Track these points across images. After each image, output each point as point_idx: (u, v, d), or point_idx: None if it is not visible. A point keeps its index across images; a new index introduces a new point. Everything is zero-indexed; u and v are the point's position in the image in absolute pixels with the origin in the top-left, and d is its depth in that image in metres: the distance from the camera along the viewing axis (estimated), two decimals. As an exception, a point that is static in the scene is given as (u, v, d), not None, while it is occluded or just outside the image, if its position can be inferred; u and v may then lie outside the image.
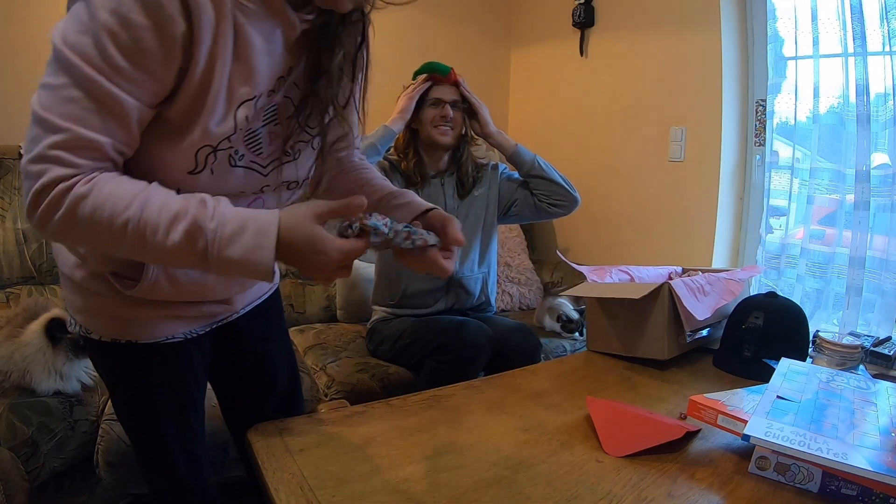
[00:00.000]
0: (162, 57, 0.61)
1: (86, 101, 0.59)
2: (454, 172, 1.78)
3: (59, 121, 0.58)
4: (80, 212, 0.59)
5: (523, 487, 0.73)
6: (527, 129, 2.95)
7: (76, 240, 0.64)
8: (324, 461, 0.77)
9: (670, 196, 2.23)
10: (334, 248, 0.65)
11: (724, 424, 0.84)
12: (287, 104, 0.77)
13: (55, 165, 0.59)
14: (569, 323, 2.03)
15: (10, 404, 1.29)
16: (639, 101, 2.33)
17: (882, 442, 0.76)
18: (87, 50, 0.58)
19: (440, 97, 1.71)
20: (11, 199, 1.83)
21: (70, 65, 0.58)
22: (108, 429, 1.28)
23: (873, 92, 1.69)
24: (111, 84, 0.59)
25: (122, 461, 1.27)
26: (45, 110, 0.59)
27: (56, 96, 0.59)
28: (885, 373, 1.19)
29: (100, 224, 0.60)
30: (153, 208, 0.61)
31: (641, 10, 2.28)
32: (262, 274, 0.64)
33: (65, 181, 0.59)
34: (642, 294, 1.14)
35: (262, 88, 0.70)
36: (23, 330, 1.35)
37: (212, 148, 0.69)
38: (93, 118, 0.59)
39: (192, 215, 0.62)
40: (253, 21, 0.66)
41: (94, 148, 0.60)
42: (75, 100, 0.59)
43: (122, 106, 0.60)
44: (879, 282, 1.74)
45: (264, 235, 0.63)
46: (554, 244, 2.78)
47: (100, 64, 0.58)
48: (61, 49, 0.58)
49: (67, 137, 0.59)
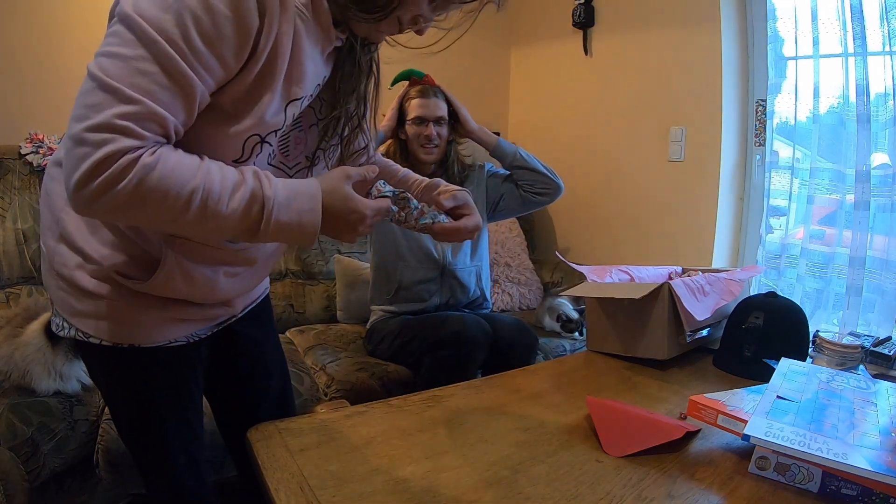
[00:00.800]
0: (236, 47, 0.63)
1: (161, 76, 0.59)
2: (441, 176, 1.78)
3: (131, 91, 0.58)
4: (147, 182, 0.59)
5: (523, 487, 0.73)
6: (526, 129, 2.96)
7: (135, 212, 0.62)
8: (324, 461, 0.77)
9: (670, 196, 2.23)
10: (366, 205, 0.74)
11: (724, 424, 0.84)
12: (310, 113, 0.81)
13: (122, 136, 0.58)
14: (569, 323, 2.03)
15: (10, 404, 1.29)
16: (639, 101, 2.33)
17: (882, 442, 0.76)
18: (169, 27, 0.58)
19: (423, 115, 1.72)
20: (11, 199, 1.83)
21: (149, 39, 0.58)
22: (108, 429, 1.28)
23: (873, 92, 1.69)
24: (187, 65, 0.60)
25: (123, 461, 1.27)
26: (115, 79, 0.58)
27: (128, 67, 0.58)
28: (885, 373, 1.19)
29: (167, 194, 0.60)
30: (215, 179, 0.63)
31: (641, 10, 2.28)
32: (309, 237, 0.70)
33: (131, 152, 0.58)
34: (642, 294, 1.14)
35: (307, 91, 0.75)
36: (23, 330, 1.35)
37: (260, 138, 0.71)
38: (164, 94, 0.60)
39: (249, 184, 0.66)
40: (308, 28, 0.70)
41: (161, 123, 0.61)
42: (149, 73, 0.58)
43: (192, 88, 0.61)
44: (879, 282, 1.74)
45: (313, 199, 0.69)
46: (554, 244, 2.78)
47: (180, 44, 0.59)
48: (137, 21, 0.58)
49: (139, 109, 0.58)
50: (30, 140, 1.92)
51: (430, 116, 1.72)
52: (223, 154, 0.69)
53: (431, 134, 1.71)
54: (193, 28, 0.59)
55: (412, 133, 1.73)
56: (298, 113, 0.75)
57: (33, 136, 1.93)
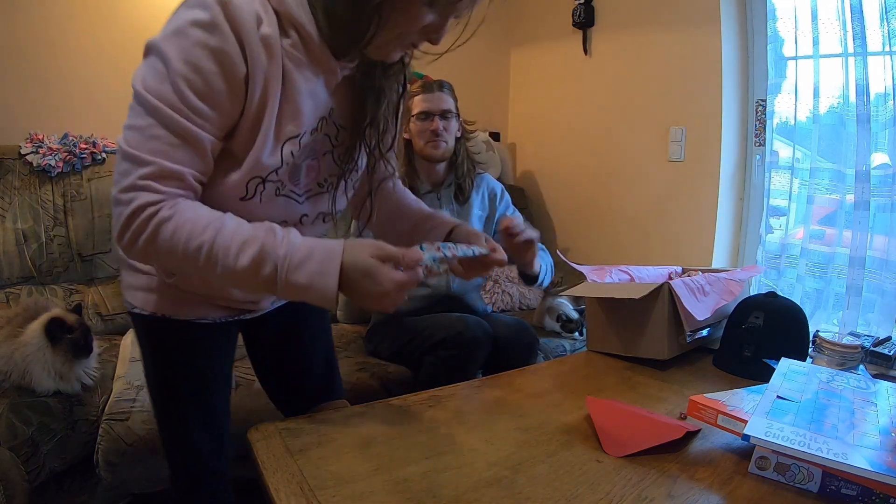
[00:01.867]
0: (229, 95, 0.70)
1: (169, 137, 0.68)
2: (451, 183, 1.72)
3: (147, 156, 0.67)
4: (162, 233, 0.67)
5: (523, 487, 0.73)
6: (526, 129, 2.96)
7: (159, 259, 0.72)
8: (324, 461, 0.77)
9: (670, 196, 2.23)
10: (389, 279, 0.70)
11: (724, 424, 0.84)
12: (325, 141, 0.84)
13: (144, 192, 0.67)
14: (569, 323, 2.03)
15: (10, 404, 1.29)
16: (639, 101, 2.33)
17: (882, 442, 0.76)
18: (168, 95, 0.67)
19: (428, 109, 1.63)
20: (11, 199, 1.83)
21: (153, 108, 0.67)
22: (108, 428, 1.28)
23: (873, 92, 1.69)
24: (189, 122, 0.68)
25: (122, 461, 1.27)
26: (133, 148, 0.67)
27: (142, 135, 0.67)
28: (885, 373, 1.19)
29: (178, 246, 0.68)
30: (226, 234, 0.69)
31: (641, 10, 2.28)
32: (327, 300, 0.70)
33: (152, 206, 0.67)
34: (642, 294, 1.14)
35: (306, 127, 0.78)
36: (23, 330, 1.35)
37: (261, 179, 0.77)
38: (175, 152, 0.68)
39: (260, 242, 0.69)
40: (299, 67, 0.74)
41: (177, 178, 0.69)
42: (160, 137, 0.68)
43: (199, 139, 0.69)
44: (879, 282, 1.74)
45: (330, 262, 0.69)
46: (554, 244, 2.78)
47: (179, 106, 0.67)
48: (144, 95, 0.67)
49: (154, 169, 0.67)
50: (30, 140, 1.92)
51: (434, 110, 1.62)
52: (231, 194, 0.76)
53: (437, 127, 1.61)
54: (188, 89, 0.67)
55: (417, 130, 1.64)
56: (300, 149, 0.79)
57: (33, 136, 1.93)
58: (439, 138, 1.62)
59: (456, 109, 1.68)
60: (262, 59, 0.69)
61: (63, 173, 1.91)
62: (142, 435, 1.28)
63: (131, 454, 1.27)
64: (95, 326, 1.82)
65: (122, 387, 1.39)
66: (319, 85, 0.78)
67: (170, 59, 0.67)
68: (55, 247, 1.87)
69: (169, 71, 0.67)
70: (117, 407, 1.32)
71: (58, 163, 1.89)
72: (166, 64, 0.67)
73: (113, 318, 1.90)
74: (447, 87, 1.68)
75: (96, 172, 1.97)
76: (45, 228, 1.86)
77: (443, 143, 1.63)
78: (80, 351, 1.37)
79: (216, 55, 0.67)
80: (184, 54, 0.66)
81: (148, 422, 1.29)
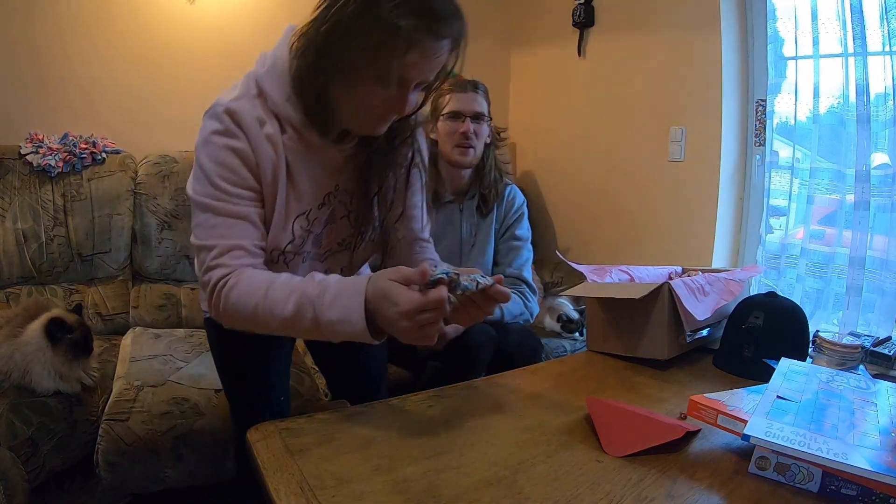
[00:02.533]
0: (252, 177, 0.86)
1: (222, 221, 0.84)
2: (475, 194, 1.62)
3: (210, 241, 0.84)
4: (231, 301, 0.81)
5: (523, 487, 0.73)
6: (526, 129, 2.95)
7: (237, 323, 0.84)
8: (324, 461, 0.77)
9: (670, 196, 2.23)
10: (406, 298, 0.73)
11: (724, 424, 0.84)
12: (341, 207, 0.96)
13: (215, 270, 0.83)
14: (569, 323, 2.03)
15: (10, 404, 1.29)
16: (639, 101, 2.33)
17: (882, 442, 0.76)
18: (210, 191, 0.84)
19: (459, 110, 1.52)
20: (11, 200, 1.83)
21: (204, 205, 0.84)
22: (108, 428, 1.28)
23: (873, 92, 1.69)
24: (232, 205, 0.85)
25: (122, 460, 1.27)
26: (201, 239, 0.85)
27: (203, 228, 0.85)
28: (885, 373, 1.19)
29: (243, 308, 0.81)
30: (275, 289, 0.80)
31: (641, 10, 2.28)
32: (358, 333, 0.76)
33: (222, 279, 0.82)
34: (642, 294, 1.14)
35: (311, 205, 0.92)
36: (23, 330, 1.35)
37: (280, 251, 0.91)
38: (231, 231, 0.84)
39: (300, 290, 0.79)
40: (299, 155, 0.88)
41: (239, 249, 0.84)
42: (216, 225, 0.84)
43: (245, 215, 0.86)
44: (879, 282, 1.74)
45: (355, 295, 0.76)
46: (554, 244, 2.78)
47: (221, 196, 0.84)
48: (195, 198, 0.85)
49: (219, 249, 0.83)
50: (30, 140, 1.92)
51: (466, 111, 1.52)
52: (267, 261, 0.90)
53: (468, 130, 1.50)
54: (222, 182, 0.84)
55: (445, 131, 1.53)
56: (309, 223, 0.92)
57: (33, 136, 1.93)
58: (468, 142, 1.53)
59: (488, 113, 1.60)
60: (269, 153, 0.85)
61: (63, 173, 1.91)
62: (142, 435, 1.28)
63: (131, 454, 1.27)
64: (95, 326, 1.83)
65: (122, 387, 1.39)
66: (320, 167, 0.91)
67: (204, 164, 0.85)
68: (55, 247, 1.87)
69: (206, 173, 0.84)
70: (117, 407, 1.32)
71: (58, 163, 1.89)
72: (203, 169, 0.84)
73: (113, 318, 1.90)
74: (482, 89, 1.59)
75: (96, 172, 1.97)
76: (45, 228, 1.86)
77: (471, 149, 1.54)
78: (79, 351, 1.37)
79: (235, 152, 0.84)
80: (212, 157, 0.84)
81: (148, 422, 1.29)
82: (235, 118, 0.84)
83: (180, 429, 1.30)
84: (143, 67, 2.18)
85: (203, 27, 2.25)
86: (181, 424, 1.31)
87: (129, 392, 1.37)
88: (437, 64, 0.81)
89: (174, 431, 1.30)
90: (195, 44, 2.25)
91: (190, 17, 2.22)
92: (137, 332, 1.77)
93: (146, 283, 2.01)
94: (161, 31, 2.17)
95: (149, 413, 1.30)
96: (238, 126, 0.84)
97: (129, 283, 1.99)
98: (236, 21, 2.30)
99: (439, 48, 0.79)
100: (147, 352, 1.59)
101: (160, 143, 2.16)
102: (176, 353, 1.59)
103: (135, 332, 1.79)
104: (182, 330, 1.84)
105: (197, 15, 2.23)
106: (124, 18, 2.10)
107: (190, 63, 2.25)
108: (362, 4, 0.75)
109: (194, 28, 2.23)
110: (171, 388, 1.38)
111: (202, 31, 2.25)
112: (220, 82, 2.63)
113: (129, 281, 2.00)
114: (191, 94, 2.25)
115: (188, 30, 2.22)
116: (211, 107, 0.86)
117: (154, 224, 2.00)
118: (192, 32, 2.23)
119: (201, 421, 1.32)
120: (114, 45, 2.11)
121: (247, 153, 0.84)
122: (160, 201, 2.01)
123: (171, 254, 2.02)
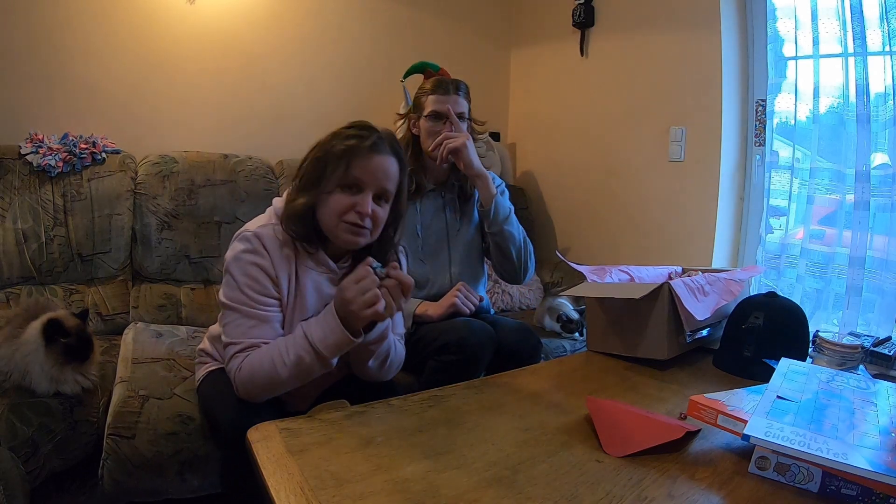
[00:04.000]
0: (273, 286, 1.09)
1: (247, 322, 1.06)
2: (454, 183, 1.69)
3: (236, 339, 1.06)
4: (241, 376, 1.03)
5: (523, 487, 0.73)
6: (526, 130, 2.96)
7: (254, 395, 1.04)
8: (324, 461, 0.77)
9: (670, 196, 2.23)
10: (347, 280, 0.99)
11: (724, 424, 0.84)
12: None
13: (234, 361, 1.05)
14: (569, 323, 2.03)
15: (11, 404, 1.28)
16: (639, 101, 2.33)
17: (882, 442, 0.76)
18: (238, 296, 1.06)
19: (440, 109, 1.58)
20: (11, 199, 1.83)
21: (233, 308, 1.07)
22: (114, 446, 1.22)
23: (873, 92, 1.69)
24: (256, 309, 1.06)
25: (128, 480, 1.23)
26: (228, 336, 1.07)
27: (232, 326, 1.07)
28: (885, 373, 1.19)
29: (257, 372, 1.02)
30: (274, 348, 1.03)
31: (641, 10, 2.28)
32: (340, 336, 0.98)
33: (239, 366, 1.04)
34: (642, 294, 1.14)
35: (311, 312, 1.11)
36: (23, 330, 1.34)
37: None
38: (254, 330, 1.06)
39: (292, 337, 1.03)
40: (308, 271, 1.12)
41: (254, 348, 1.05)
42: (242, 324, 1.06)
43: (266, 317, 1.07)
44: (879, 282, 1.74)
45: (328, 311, 1.01)
46: (554, 244, 2.78)
47: (248, 301, 1.06)
48: (226, 303, 1.08)
49: (241, 346, 1.05)
50: (30, 140, 1.92)
51: (446, 112, 1.58)
52: None
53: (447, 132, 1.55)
54: (250, 290, 1.06)
55: (426, 129, 1.59)
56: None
57: (33, 136, 1.93)
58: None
59: (469, 112, 1.64)
60: (285, 268, 1.09)
61: (63, 173, 1.91)
62: (149, 457, 1.23)
63: (137, 475, 1.23)
64: (95, 326, 1.82)
65: (125, 393, 1.35)
66: (324, 280, 1.13)
67: (235, 276, 1.07)
68: (55, 247, 1.87)
69: (237, 283, 1.06)
70: (121, 420, 1.27)
71: (58, 163, 1.89)
72: (234, 279, 1.07)
73: (113, 318, 1.90)
74: (463, 89, 1.63)
75: (96, 172, 1.96)
76: (45, 228, 1.86)
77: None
78: (72, 357, 1.34)
79: (261, 267, 1.07)
80: (242, 270, 1.07)
81: (154, 441, 1.24)
82: (261, 241, 1.07)
83: (186, 454, 1.26)
84: (143, 67, 2.17)
85: (203, 27, 2.25)
86: (187, 449, 1.26)
87: (134, 402, 1.32)
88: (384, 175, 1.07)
89: (180, 456, 1.25)
90: (195, 44, 2.24)
91: (190, 17, 2.21)
92: (139, 329, 1.75)
93: (146, 283, 2.00)
94: (161, 31, 2.16)
95: (155, 432, 1.26)
96: (263, 247, 1.07)
97: (129, 283, 1.99)
98: (236, 21, 2.30)
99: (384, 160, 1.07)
100: (150, 354, 1.57)
101: (160, 143, 2.16)
102: (179, 358, 1.57)
103: (136, 327, 1.77)
104: (184, 328, 1.83)
105: (197, 15, 2.22)
106: (124, 18, 2.10)
107: (190, 63, 2.25)
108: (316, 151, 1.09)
109: (194, 28, 2.23)
110: (177, 404, 1.34)
111: (202, 31, 2.25)
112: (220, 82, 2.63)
113: (129, 281, 1.99)
114: (191, 93, 2.25)
115: (188, 30, 2.22)
116: (240, 231, 1.10)
117: (154, 224, 1.99)
118: (192, 32, 2.23)
119: (207, 447, 1.28)
120: (114, 44, 2.10)
121: (268, 269, 1.07)
122: (160, 201, 2.01)
123: (171, 254, 2.01)
